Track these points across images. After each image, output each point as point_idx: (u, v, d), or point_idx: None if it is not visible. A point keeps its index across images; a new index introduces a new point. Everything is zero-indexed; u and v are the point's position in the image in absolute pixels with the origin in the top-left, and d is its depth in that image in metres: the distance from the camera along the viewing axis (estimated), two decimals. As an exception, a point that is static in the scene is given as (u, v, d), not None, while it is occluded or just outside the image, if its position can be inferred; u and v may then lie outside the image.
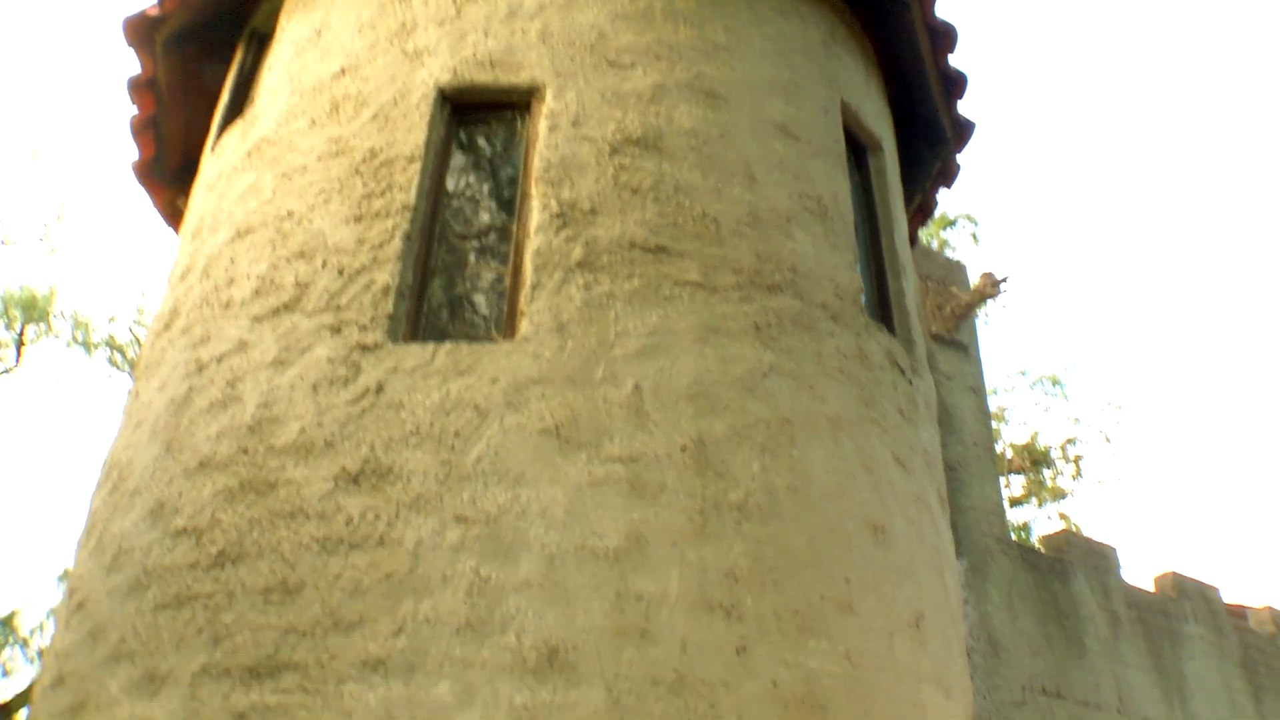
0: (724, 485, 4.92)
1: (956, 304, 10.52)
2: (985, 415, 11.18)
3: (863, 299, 6.19)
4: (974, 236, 23.38)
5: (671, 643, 4.51)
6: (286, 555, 4.69)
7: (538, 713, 4.27)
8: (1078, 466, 24.10)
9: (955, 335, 10.80)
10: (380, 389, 5.00)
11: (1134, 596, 11.66)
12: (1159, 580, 12.37)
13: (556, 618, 4.43)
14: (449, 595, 4.46)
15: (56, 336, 20.68)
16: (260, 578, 4.68)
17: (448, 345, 5.11)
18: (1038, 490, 23.76)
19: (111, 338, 19.10)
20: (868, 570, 5.24)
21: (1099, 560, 11.35)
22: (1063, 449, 24.15)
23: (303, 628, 4.52)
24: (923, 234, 22.24)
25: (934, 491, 6.17)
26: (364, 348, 5.15)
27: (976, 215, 24.19)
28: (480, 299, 5.49)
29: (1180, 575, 12.37)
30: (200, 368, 5.51)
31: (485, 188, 5.92)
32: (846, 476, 5.36)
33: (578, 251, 5.40)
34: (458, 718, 4.25)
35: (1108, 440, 24.46)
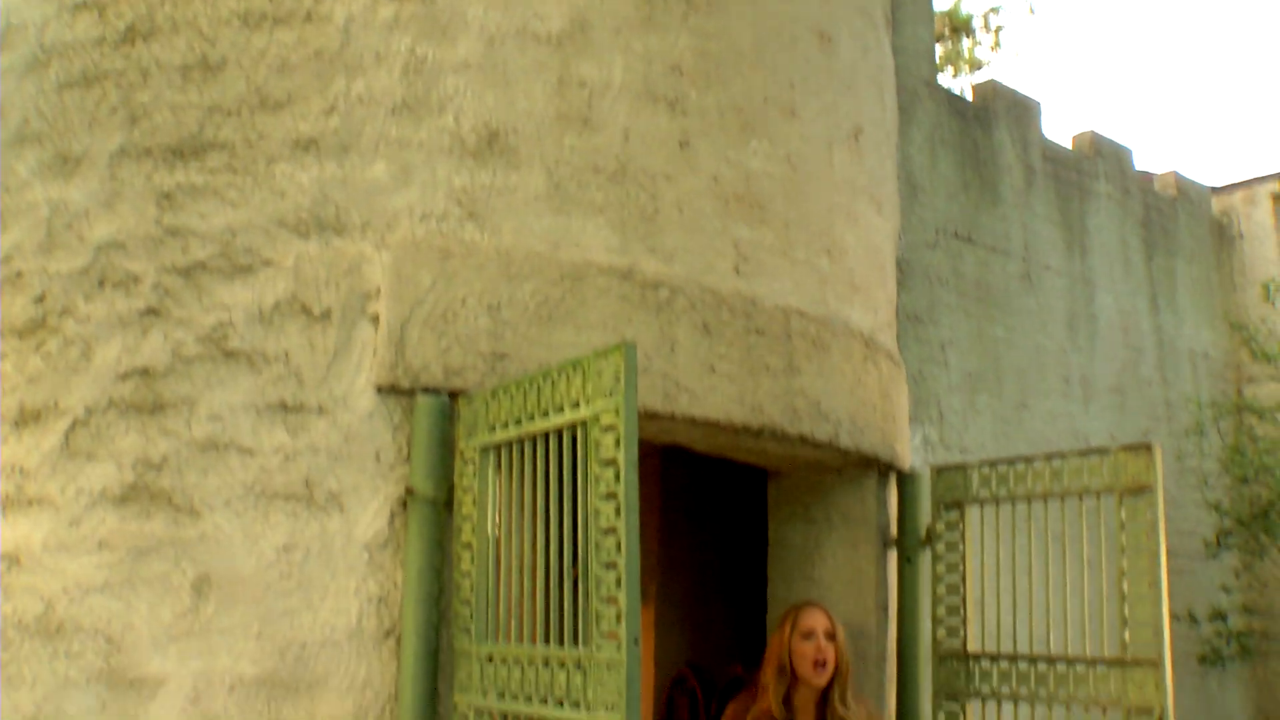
0: (672, -27, 4.64)
1: None
2: (924, -48, 10.76)
3: None
4: None
5: (614, 131, 4.38)
6: (205, 30, 4.37)
7: (477, 194, 4.17)
8: (997, 38, 23.79)
9: None
10: None
11: (1051, 151, 11.79)
12: (1077, 139, 12.48)
13: (496, 100, 4.25)
14: (383, 74, 4.23)
15: None
16: (177, 54, 4.38)
17: None
18: (955, 60, 23.52)
19: None
20: (812, 77, 5.10)
21: (1022, 113, 11.35)
22: (985, 18, 23.73)
23: (227, 106, 4.28)
24: None
25: (879, 8, 5.96)
26: None
27: None
28: None
29: (1098, 135, 12.49)
30: None
31: None
32: (797, -23, 5.11)
33: None
34: (395, 198, 4.14)
35: (1031, 11, 24.11)
